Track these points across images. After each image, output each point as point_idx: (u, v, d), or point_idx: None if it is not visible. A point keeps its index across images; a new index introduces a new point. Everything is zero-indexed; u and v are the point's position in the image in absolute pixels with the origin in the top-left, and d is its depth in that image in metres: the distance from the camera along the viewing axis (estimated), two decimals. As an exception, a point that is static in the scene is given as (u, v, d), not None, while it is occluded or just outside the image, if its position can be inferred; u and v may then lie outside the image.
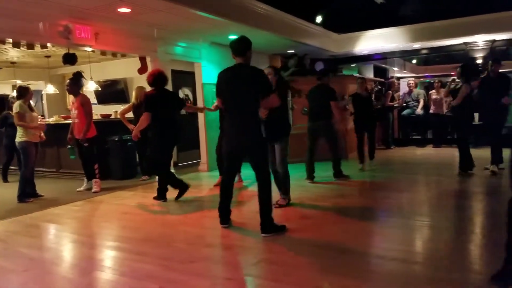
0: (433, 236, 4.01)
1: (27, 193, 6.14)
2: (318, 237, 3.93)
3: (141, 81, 8.16)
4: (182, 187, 5.68)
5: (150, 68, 7.39)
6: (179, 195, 5.68)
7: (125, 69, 9.34)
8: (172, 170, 7.36)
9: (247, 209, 5.13)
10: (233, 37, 6.82)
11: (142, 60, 7.46)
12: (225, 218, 4.30)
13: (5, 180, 7.92)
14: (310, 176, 6.54)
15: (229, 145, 4.19)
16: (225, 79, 4.11)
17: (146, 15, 6.01)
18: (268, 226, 4.00)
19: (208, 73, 8.19)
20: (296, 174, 6.19)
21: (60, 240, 4.44)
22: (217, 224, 4.33)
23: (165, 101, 5.52)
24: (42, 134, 6.36)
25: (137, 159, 7.83)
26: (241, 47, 4.05)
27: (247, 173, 4.36)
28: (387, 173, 7.28)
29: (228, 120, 4.19)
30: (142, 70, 7.57)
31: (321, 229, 4.21)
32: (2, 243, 4.23)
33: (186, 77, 9.28)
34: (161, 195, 5.73)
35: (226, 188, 4.30)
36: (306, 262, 3.35)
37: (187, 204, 5.50)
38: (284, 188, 5.10)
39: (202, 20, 6.27)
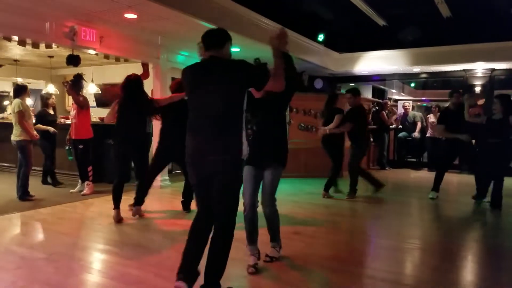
0: (424, 259, 4.03)
1: (28, 191, 6.13)
2: (310, 253, 3.97)
3: (142, 87, 8.19)
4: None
5: (151, 75, 7.46)
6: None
7: (126, 73, 9.28)
8: (166, 177, 7.41)
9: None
10: (236, 49, 6.98)
11: (145, 66, 7.50)
12: (190, 278, 2.80)
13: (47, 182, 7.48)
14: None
15: (196, 165, 2.84)
16: (194, 77, 2.90)
17: (152, 22, 6.08)
18: None
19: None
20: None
21: (52, 240, 4.42)
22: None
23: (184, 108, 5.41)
24: (35, 132, 6.37)
25: (133, 164, 7.78)
26: (219, 37, 2.92)
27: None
28: (380, 194, 7.31)
29: (195, 132, 2.84)
30: (143, 76, 7.58)
31: (312, 246, 4.24)
32: (-7, 240, 4.23)
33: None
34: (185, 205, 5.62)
35: (197, 234, 2.91)
36: (298, 278, 3.38)
37: (178, 213, 5.51)
38: (273, 232, 3.70)
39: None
